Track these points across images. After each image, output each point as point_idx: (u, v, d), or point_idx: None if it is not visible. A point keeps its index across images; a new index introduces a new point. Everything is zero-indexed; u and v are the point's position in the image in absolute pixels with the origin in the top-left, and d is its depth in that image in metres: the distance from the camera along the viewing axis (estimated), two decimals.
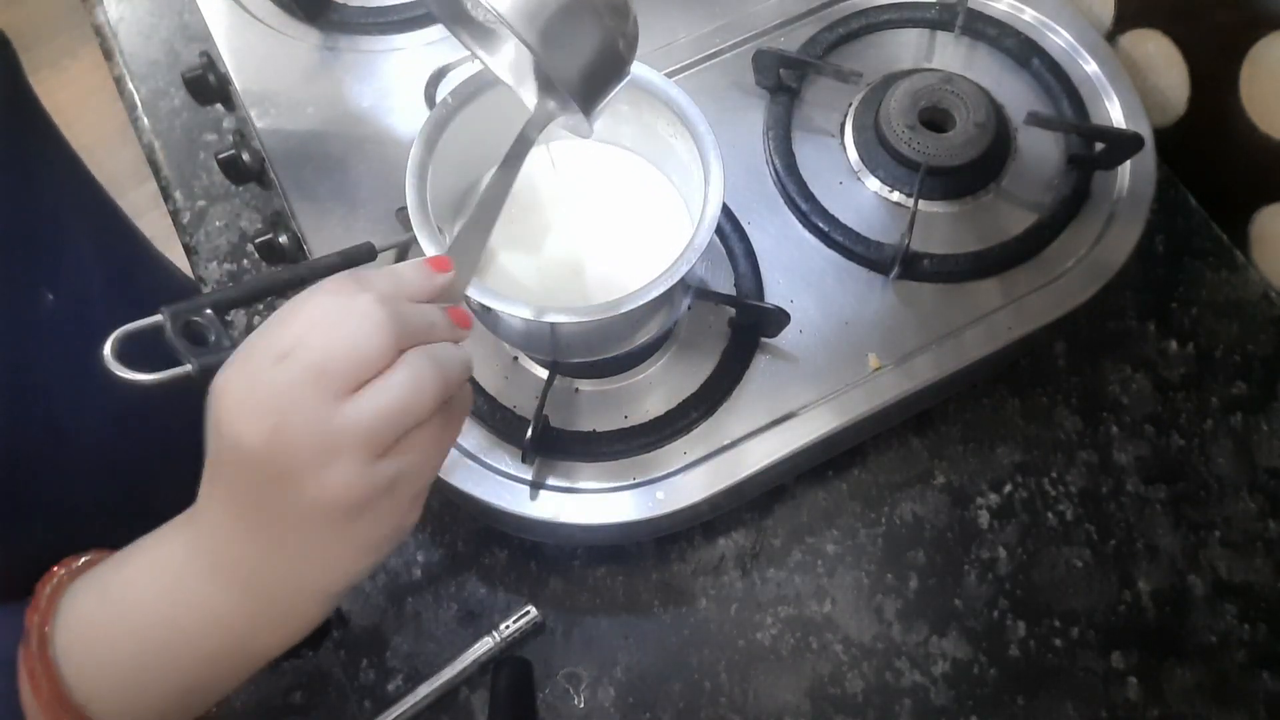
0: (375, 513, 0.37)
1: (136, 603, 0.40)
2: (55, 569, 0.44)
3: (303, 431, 0.35)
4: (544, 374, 0.57)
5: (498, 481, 0.55)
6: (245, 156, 0.66)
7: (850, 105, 0.65)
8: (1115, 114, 0.65)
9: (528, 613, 0.58)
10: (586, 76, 0.44)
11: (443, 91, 0.52)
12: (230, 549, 0.38)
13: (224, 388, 0.36)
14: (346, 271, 0.38)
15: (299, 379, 0.35)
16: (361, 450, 0.35)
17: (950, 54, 0.68)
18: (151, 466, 0.64)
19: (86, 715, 0.39)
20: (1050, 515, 0.63)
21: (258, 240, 0.63)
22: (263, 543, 0.38)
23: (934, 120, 0.63)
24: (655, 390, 0.58)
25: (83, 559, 0.44)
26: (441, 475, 0.55)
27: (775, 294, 0.60)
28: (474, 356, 0.58)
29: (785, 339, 0.58)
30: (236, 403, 0.35)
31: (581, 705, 0.58)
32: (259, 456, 0.35)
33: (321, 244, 0.60)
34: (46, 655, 0.39)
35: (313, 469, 0.35)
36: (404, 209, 0.50)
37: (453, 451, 0.56)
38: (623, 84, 0.47)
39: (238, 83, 0.66)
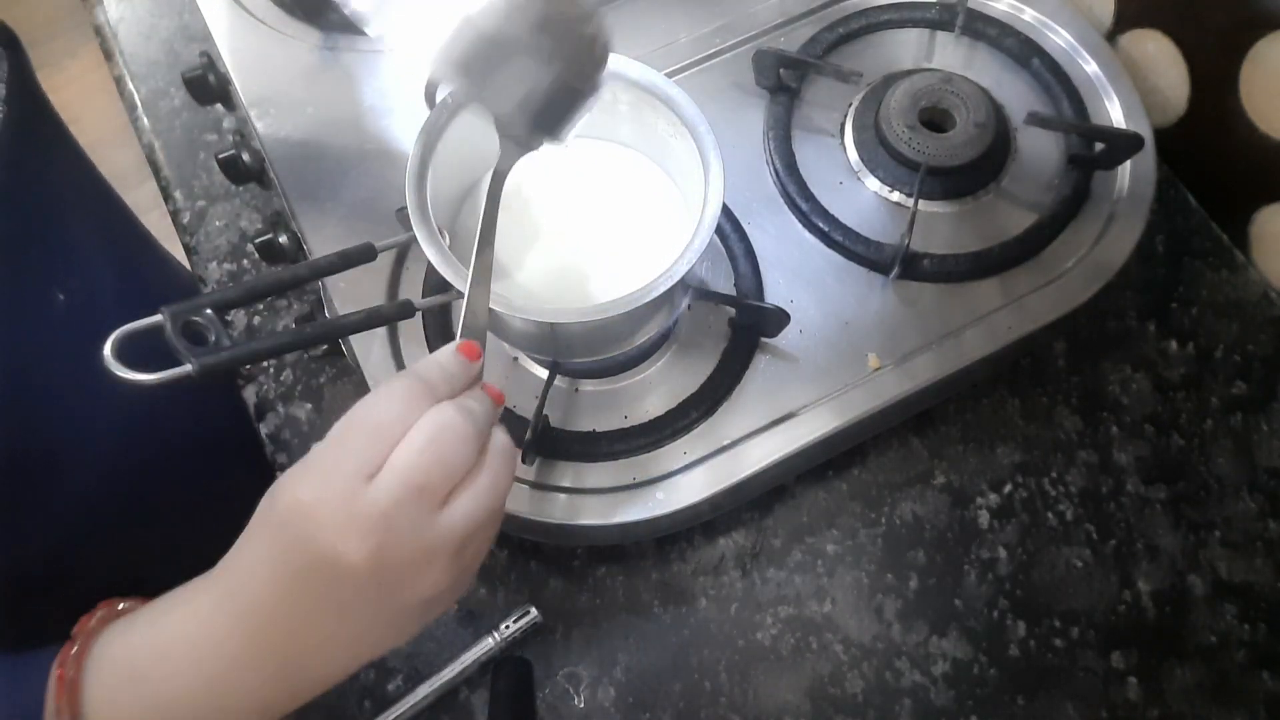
0: (446, 594, 0.39)
1: (174, 693, 0.39)
2: (83, 622, 0.42)
3: (407, 544, 0.36)
4: (544, 374, 0.57)
5: None
6: (245, 156, 0.66)
7: (850, 105, 0.65)
8: (1115, 114, 0.65)
9: (528, 613, 0.58)
10: (530, 110, 0.45)
11: (443, 92, 0.52)
12: (290, 641, 0.39)
13: (312, 505, 0.37)
14: (404, 375, 0.40)
15: (401, 499, 0.36)
16: (452, 551, 0.38)
17: (950, 54, 0.68)
18: (159, 466, 0.64)
19: None
20: (1050, 515, 0.63)
21: (258, 240, 0.63)
22: (333, 642, 0.39)
23: (934, 120, 0.63)
24: (655, 390, 0.58)
25: (94, 618, 0.43)
26: None
27: (775, 294, 0.60)
28: None
29: (785, 339, 0.58)
30: (334, 522, 0.36)
31: (581, 705, 0.58)
32: (362, 571, 0.36)
33: (321, 244, 0.60)
34: (77, 708, 0.39)
35: (414, 577, 0.37)
36: (404, 209, 0.50)
37: None
38: (583, 111, 0.47)
39: (238, 83, 0.66)
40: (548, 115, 0.45)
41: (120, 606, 0.43)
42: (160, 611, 0.40)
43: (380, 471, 0.37)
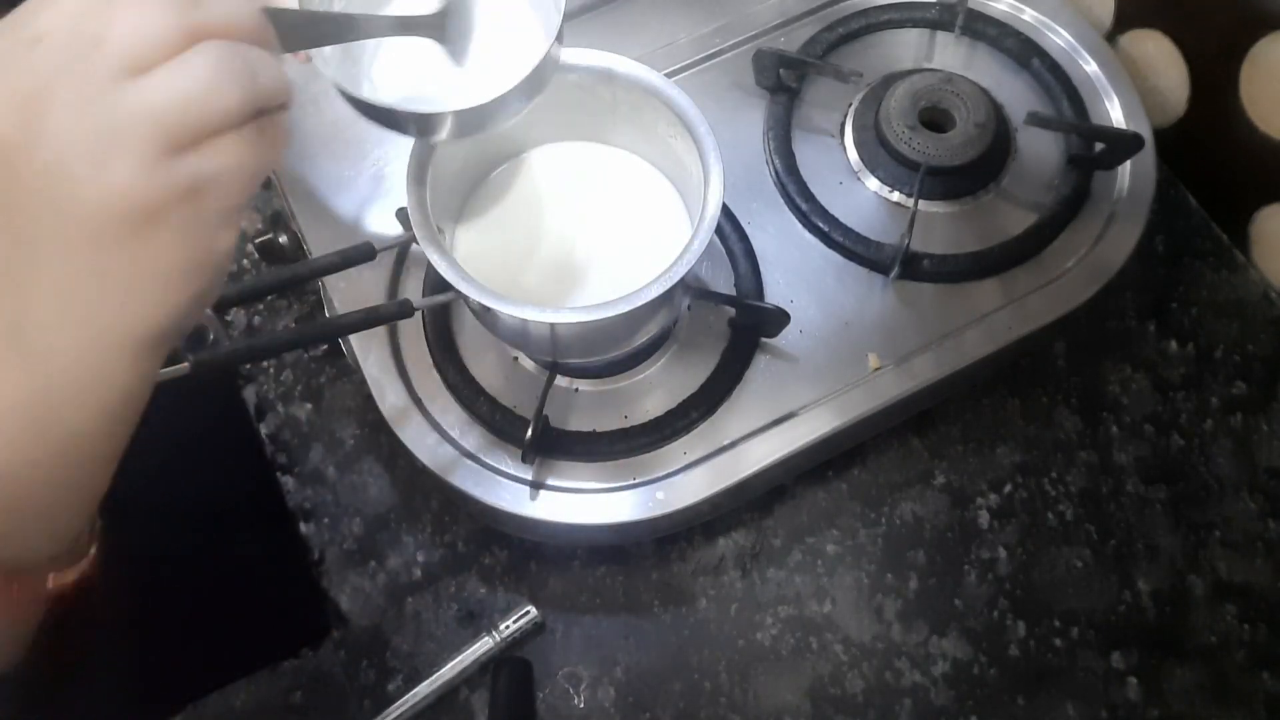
0: (171, 226, 0.30)
1: None
2: None
3: (72, 116, 0.28)
4: (544, 374, 0.57)
5: (498, 481, 0.55)
6: None
7: (850, 105, 0.65)
8: (1115, 114, 0.65)
9: (528, 613, 0.58)
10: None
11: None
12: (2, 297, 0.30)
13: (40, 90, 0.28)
14: None
15: (65, 60, 0.28)
16: (149, 142, 0.28)
17: (950, 54, 0.68)
18: (158, 465, 0.64)
19: None
20: (1050, 515, 0.63)
21: (258, 240, 0.63)
22: (22, 273, 0.30)
23: (934, 120, 0.63)
24: (655, 390, 0.58)
25: None
26: (441, 475, 0.55)
27: (775, 294, 0.60)
28: (470, 350, 0.58)
29: (785, 339, 0.58)
30: (91, 131, 0.28)
31: (581, 705, 0.58)
32: (11, 153, 0.28)
33: (321, 244, 0.60)
34: None
35: (86, 165, 0.28)
36: (404, 209, 0.50)
37: (453, 451, 0.56)
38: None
39: None
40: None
41: None
42: None
43: (146, 75, 0.28)
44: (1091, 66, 0.67)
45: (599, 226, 0.56)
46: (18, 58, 0.28)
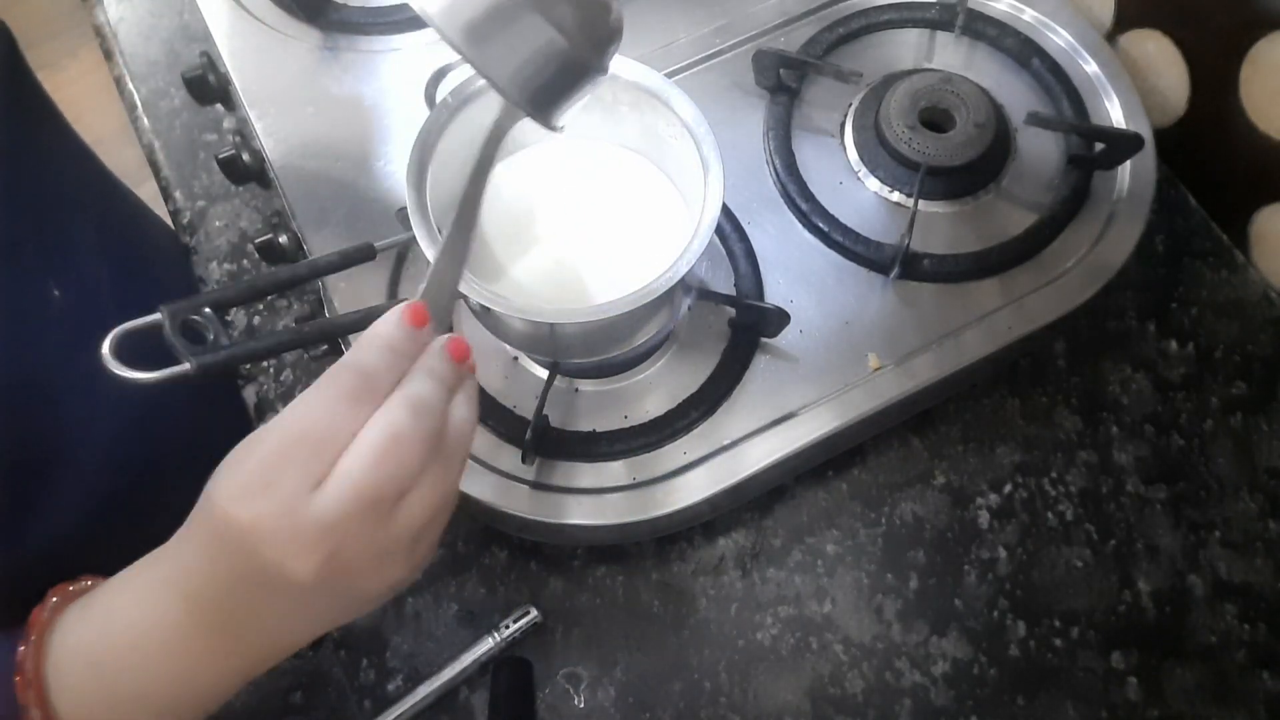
0: (405, 583, 0.39)
1: (137, 683, 0.39)
2: (43, 607, 0.42)
3: (360, 554, 0.35)
4: (544, 374, 0.57)
5: (498, 481, 0.55)
6: (245, 156, 0.66)
7: (850, 105, 0.65)
8: (1115, 114, 0.65)
9: (528, 613, 0.58)
10: (528, 80, 0.42)
11: (443, 92, 0.52)
12: (244, 627, 0.38)
13: (253, 522, 0.35)
14: (342, 368, 0.37)
15: (350, 510, 0.35)
16: (412, 544, 0.37)
17: (950, 54, 0.68)
18: (160, 463, 0.64)
19: None
20: (1050, 515, 0.63)
21: (258, 240, 0.63)
22: (283, 630, 0.38)
23: (934, 120, 0.63)
24: (655, 390, 0.58)
25: (46, 608, 0.42)
26: None
27: (775, 294, 0.60)
28: (475, 360, 0.58)
29: (785, 339, 0.58)
30: (277, 538, 0.34)
31: (581, 705, 0.58)
32: (309, 583, 0.35)
33: (321, 244, 0.60)
34: (44, 698, 0.39)
35: (367, 580, 0.36)
36: (404, 209, 0.50)
37: None
38: (587, 89, 0.45)
39: (238, 83, 0.66)
40: (549, 90, 0.43)
41: (72, 588, 0.43)
42: (112, 597, 0.40)
43: (325, 483, 0.35)
44: (1091, 66, 0.67)
45: (599, 226, 0.56)
46: (302, 506, 0.35)
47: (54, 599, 0.43)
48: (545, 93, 0.43)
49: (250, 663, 0.39)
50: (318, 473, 0.35)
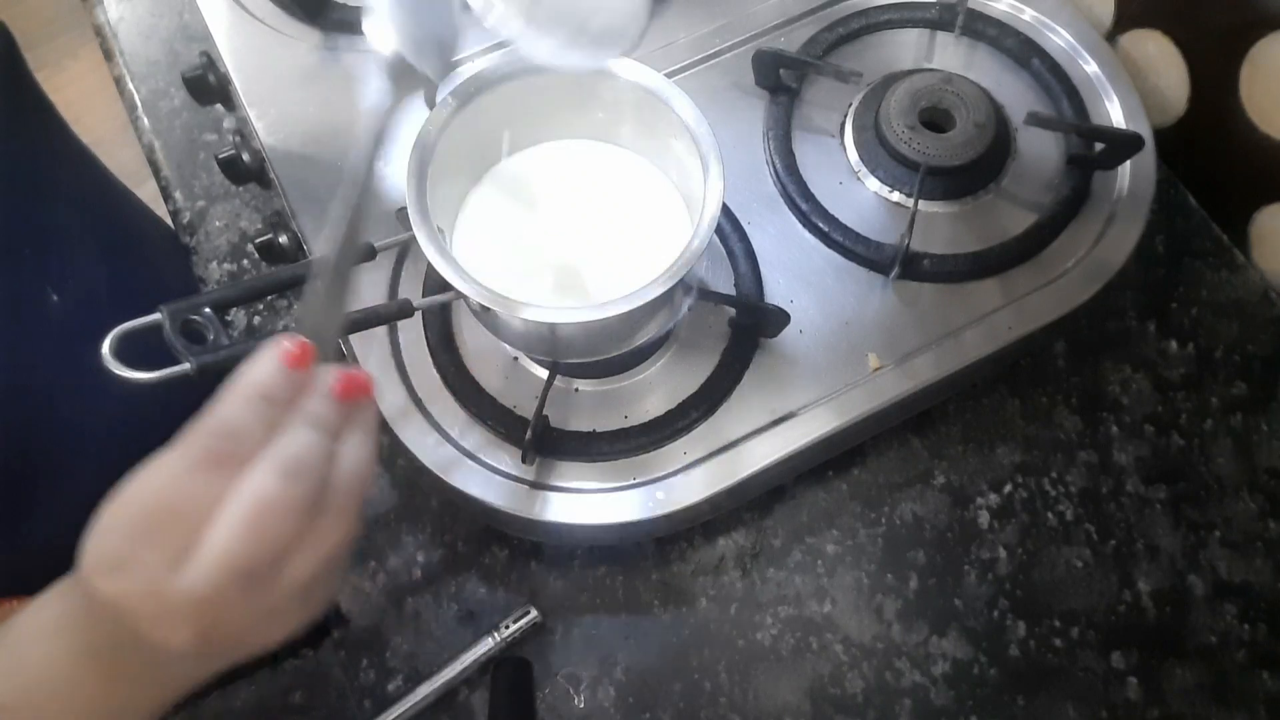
0: (300, 625, 0.37)
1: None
2: None
3: (240, 621, 0.33)
4: (544, 374, 0.57)
5: (498, 481, 0.55)
6: (245, 156, 0.66)
7: (850, 105, 0.65)
8: (1115, 114, 0.65)
9: (528, 613, 0.58)
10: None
11: (442, 92, 0.52)
12: (146, 675, 0.36)
13: (121, 602, 0.32)
14: (199, 433, 0.34)
15: (221, 583, 0.32)
16: (301, 598, 0.34)
17: (950, 54, 0.68)
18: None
19: None
20: (1050, 515, 0.63)
21: (258, 240, 0.63)
22: (178, 674, 0.37)
23: (934, 120, 0.63)
24: (655, 390, 0.58)
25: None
26: (441, 475, 0.55)
27: (775, 294, 0.60)
28: (470, 350, 0.58)
29: (785, 339, 0.58)
30: (149, 617, 0.32)
31: (581, 705, 0.58)
32: (192, 653, 0.33)
33: (322, 244, 0.60)
34: None
35: (253, 639, 0.34)
36: (404, 209, 0.50)
37: (453, 451, 0.56)
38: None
39: (238, 83, 0.66)
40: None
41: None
42: (18, 635, 0.38)
43: (191, 558, 0.32)
44: (1091, 66, 0.67)
45: (599, 226, 0.56)
46: (166, 582, 0.32)
47: None
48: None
49: (151, 705, 0.37)
50: (178, 547, 0.32)
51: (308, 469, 0.33)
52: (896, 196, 0.63)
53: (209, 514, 0.32)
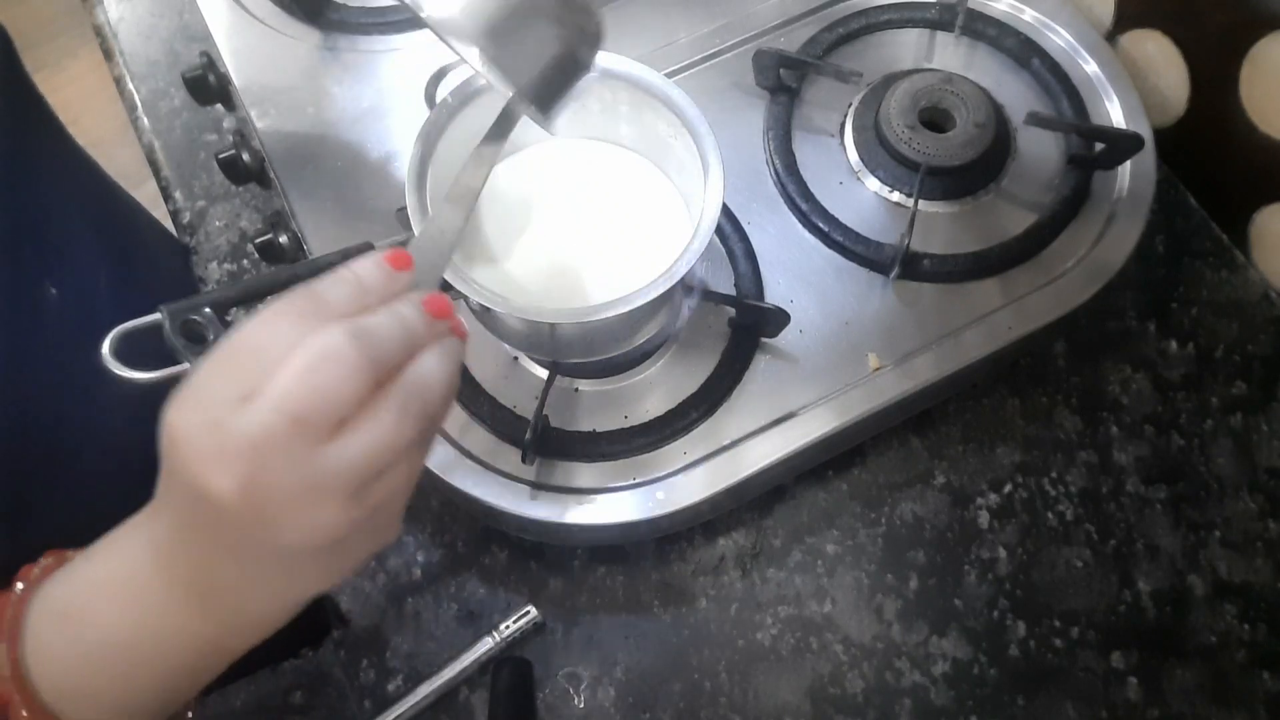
0: (356, 540, 0.36)
1: (102, 632, 0.38)
2: (14, 585, 0.41)
3: (283, 480, 0.33)
4: (544, 374, 0.57)
5: (498, 481, 0.55)
6: (245, 156, 0.66)
7: (850, 105, 0.65)
8: (1115, 114, 0.65)
9: (528, 613, 0.58)
10: (540, 80, 0.44)
11: (443, 91, 0.52)
12: (199, 575, 0.37)
13: (180, 432, 0.33)
14: (301, 289, 0.35)
15: (273, 425, 0.32)
16: (345, 491, 0.34)
17: (950, 54, 0.68)
18: (156, 463, 0.64)
19: None
20: (1050, 515, 0.63)
21: (258, 240, 0.63)
22: (234, 572, 0.36)
23: (934, 120, 0.63)
24: (655, 390, 0.58)
25: (39, 566, 0.42)
26: (441, 475, 0.55)
27: (775, 294, 0.60)
28: (470, 350, 0.58)
29: (785, 339, 0.58)
30: (199, 451, 0.33)
31: (581, 705, 0.58)
32: (232, 506, 0.33)
33: (321, 244, 0.60)
34: (23, 684, 0.38)
35: (293, 516, 0.33)
36: (404, 209, 0.50)
37: (453, 451, 0.56)
38: (579, 88, 0.47)
39: (238, 83, 0.66)
40: (550, 87, 0.45)
41: (70, 554, 0.42)
42: (94, 553, 0.39)
43: (254, 399, 0.32)
44: (1091, 66, 0.67)
45: (599, 226, 0.56)
46: (228, 417, 0.32)
47: (48, 560, 0.42)
48: (546, 93, 0.45)
49: (221, 620, 0.38)
50: (248, 386, 0.32)
51: (378, 341, 0.34)
52: (896, 196, 0.63)
53: (282, 359, 0.33)
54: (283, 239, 0.63)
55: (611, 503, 0.55)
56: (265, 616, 0.38)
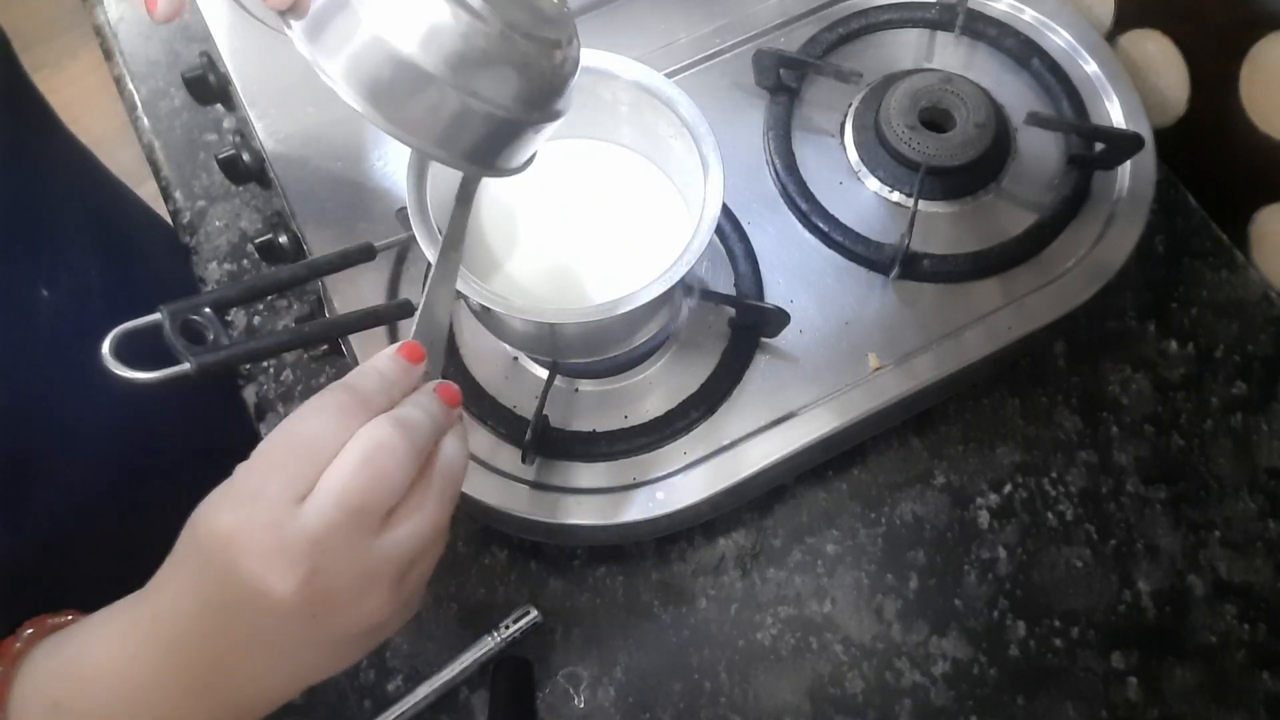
0: (393, 620, 0.38)
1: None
2: (16, 637, 0.41)
3: (344, 575, 0.34)
4: (544, 374, 0.57)
5: (498, 481, 0.55)
6: (245, 156, 0.66)
7: (850, 105, 0.65)
8: (1115, 114, 0.65)
9: (528, 613, 0.58)
10: (457, 144, 0.42)
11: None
12: (215, 668, 0.36)
13: (236, 533, 0.34)
14: (335, 386, 0.37)
15: (334, 520, 0.34)
16: (396, 577, 0.36)
17: (950, 54, 0.68)
18: (156, 465, 0.64)
19: None
20: (1050, 515, 0.63)
21: (258, 240, 0.63)
22: (259, 664, 0.36)
23: (934, 120, 0.63)
24: (655, 390, 0.58)
25: (19, 639, 0.41)
26: None
27: (775, 294, 0.60)
28: (470, 350, 0.58)
29: (785, 339, 0.58)
30: (260, 552, 0.33)
31: (581, 705, 0.58)
32: (291, 602, 0.34)
33: (321, 244, 0.60)
34: None
35: (351, 605, 0.35)
36: (404, 209, 0.50)
37: None
38: (538, 138, 0.45)
39: (238, 83, 0.66)
40: (482, 149, 0.43)
41: (50, 621, 0.42)
42: (86, 636, 0.38)
43: (310, 495, 0.34)
44: (1091, 66, 0.67)
45: (599, 226, 0.56)
46: (287, 517, 0.34)
47: (29, 630, 0.41)
48: (481, 154, 0.43)
49: (223, 715, 0.38)
50: (304, 484, 0.34)
51: (418, 428, 0.36)
52: (896, 196, 0.63)
53: (332, 455, 0.35)
54: (283, 239, 0.63)
55: (611, 503, 0.55)
56: (276, 702, 0.38)
